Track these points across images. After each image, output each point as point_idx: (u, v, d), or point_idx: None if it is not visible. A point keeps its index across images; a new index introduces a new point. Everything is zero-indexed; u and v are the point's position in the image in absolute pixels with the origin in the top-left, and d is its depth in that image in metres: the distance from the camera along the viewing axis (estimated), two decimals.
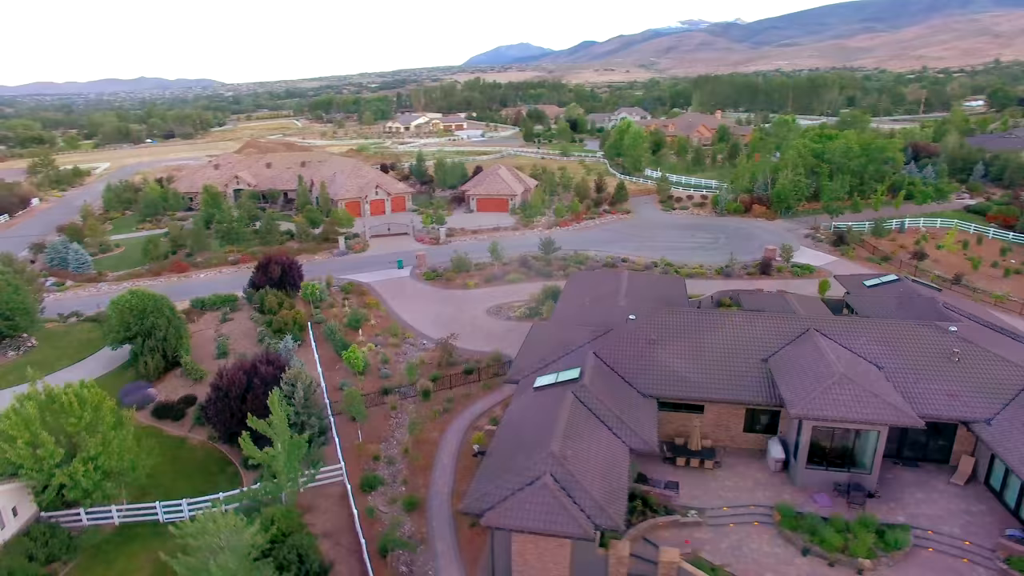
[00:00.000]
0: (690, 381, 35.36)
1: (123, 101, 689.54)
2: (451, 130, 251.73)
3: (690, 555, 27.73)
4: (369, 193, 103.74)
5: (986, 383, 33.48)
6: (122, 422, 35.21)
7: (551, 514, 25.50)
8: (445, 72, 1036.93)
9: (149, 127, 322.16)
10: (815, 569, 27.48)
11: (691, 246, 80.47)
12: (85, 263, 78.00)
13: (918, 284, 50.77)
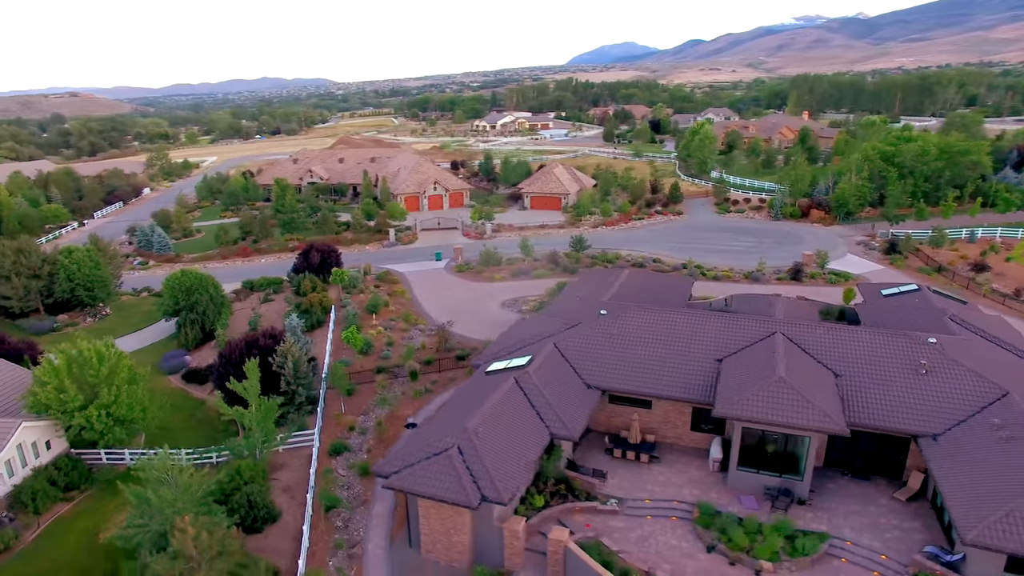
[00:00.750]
0: (635, 376, 35.94)
1: (245, 100, 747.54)
2: (536, 129, 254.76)
3: (590, 539, 28.73)
4: (427, 189, 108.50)
5: (947, 398, 31.80)
6: (135, 379, 40.63)
7: (445, 482, 27.53)
8: (547, 72, 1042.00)
9: (260, 124, 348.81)
10: (715, 566, 27.70)
11: (731, 249, 78.56)
12: (166, 245, 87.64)
13: (940, 295, 47.72)
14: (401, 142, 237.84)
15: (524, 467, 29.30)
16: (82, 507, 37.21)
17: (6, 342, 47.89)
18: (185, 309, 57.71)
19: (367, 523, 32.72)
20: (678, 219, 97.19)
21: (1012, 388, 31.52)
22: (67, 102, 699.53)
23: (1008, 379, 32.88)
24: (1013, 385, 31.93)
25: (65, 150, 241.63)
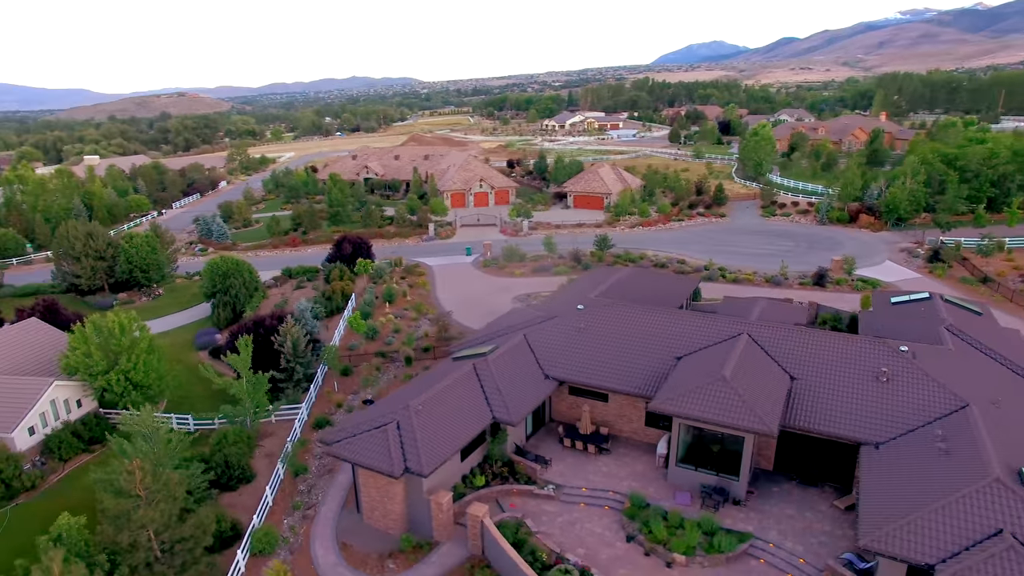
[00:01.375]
0: (592, 370, 36.73)
1: (334, 98, 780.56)
2: (605, 129, 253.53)
3: (513, 518, 30.04)
4: (473, 186, 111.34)
5: (901, 408, 30.80)
6: (153, 350, 45.28)
7: (377, 453, 29.67)
8: (631, 71, 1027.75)
9: (341, 122, 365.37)
10: (630, 555, 28.37)
11: (764, 252, 76.52)
12: (224, 234, 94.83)
13: (953, 304, 45.30)
14: (469, 140, 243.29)
15: (456, 445, 30.93)
16: (101, 458, 41.94)
17: (60, 312, 54.17)
18: (220, 291, 62.88)
19: (327, 490, 35.37)
20: (719, 221, 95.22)
21: (980, 401, 30.17)
22: (175, 101, 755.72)
23: (980, 392, 31.42)
24: (982, 398, 30.54)
25: (164, 145, 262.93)
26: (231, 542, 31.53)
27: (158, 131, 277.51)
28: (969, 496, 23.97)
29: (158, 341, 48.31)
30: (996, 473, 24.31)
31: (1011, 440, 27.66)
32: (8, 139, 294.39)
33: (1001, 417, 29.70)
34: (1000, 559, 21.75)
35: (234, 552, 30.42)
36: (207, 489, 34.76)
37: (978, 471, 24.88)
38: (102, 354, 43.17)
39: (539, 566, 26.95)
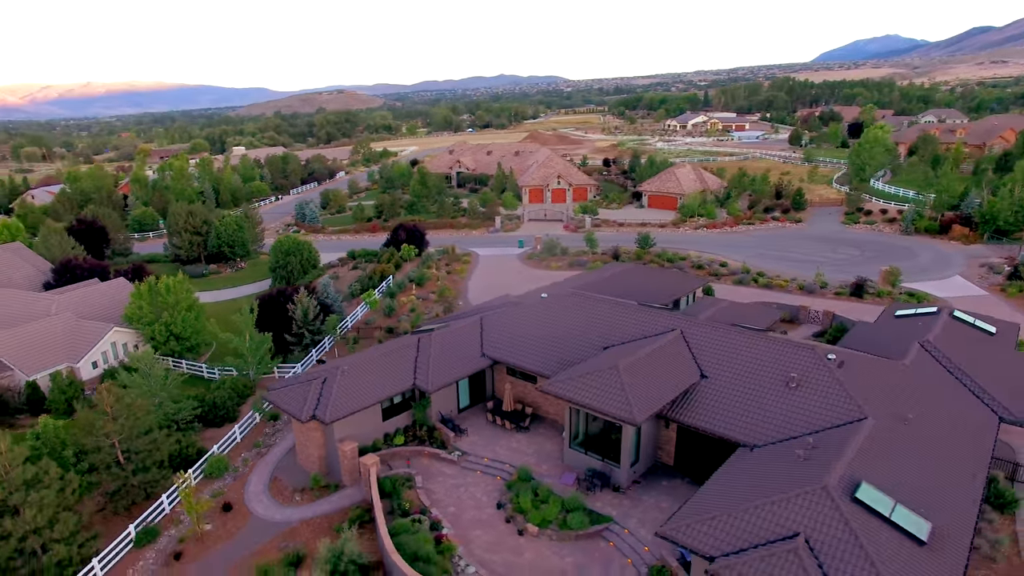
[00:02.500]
0: (522, 352, 38.65)
1: (481, 95, 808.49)
2: (729, 130, 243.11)
3: (403, 473, 33.23)
4: (551, 182, 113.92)
5: (795, 414, 29.87)
6: (192, 307, 53.51)
7: (295, 401, 34.19)
8: (787, 69, 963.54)
9: (476, 119, 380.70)
10: (492, 519, 30.42)
11: (820, 260, 72.04)
12: (315, 218, 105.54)
13: (962, 322, 41.41)
14: (585, 138, 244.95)
15: (367, 402, 34.61)
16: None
17: (145, 274, 64.87)
18: (280, 267, 71.43)
19: (287, 436, 40.62)
20: (792, 227, 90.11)
21: (888, 417, 28.60)
22: (334, 98, 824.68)
23: (900, 409, 29.65)
24: (892, 414, 28.90)
25: (310, 138, 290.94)
26: (193, 463, 37.64)
27: (305, 125, 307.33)
28: (788, 500, 23.52)
29: (229, 306, 56.63)
30: (826, 482, 23.58)
31: (887, 455, 26.24)
32: (193, 132, 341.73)
33: (902, 435, 27.98)
34: (778, 559, 21.51)
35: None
36: (192, 422, 41.51)
37: (815, 479, 24.22)
38: (151, 308, 51.98)
39: (399, 512, 30.01)
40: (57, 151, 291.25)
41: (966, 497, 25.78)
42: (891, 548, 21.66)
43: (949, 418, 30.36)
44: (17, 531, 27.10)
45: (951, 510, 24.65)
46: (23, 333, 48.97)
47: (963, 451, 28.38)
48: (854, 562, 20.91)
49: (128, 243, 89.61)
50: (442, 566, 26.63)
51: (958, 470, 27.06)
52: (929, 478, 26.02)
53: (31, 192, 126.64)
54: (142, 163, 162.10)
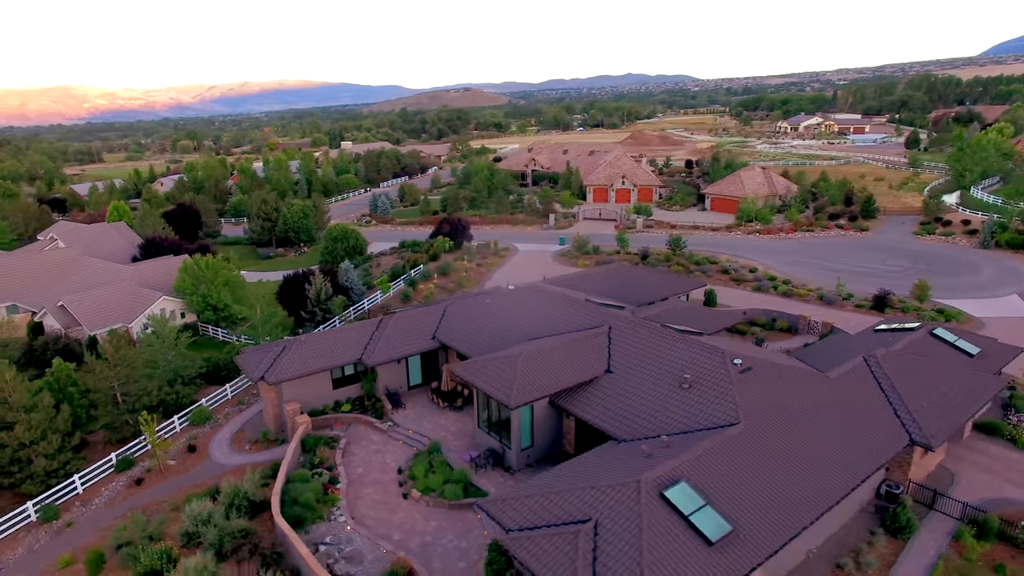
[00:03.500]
0: (463, 338, 41.22)
1: (606, 95, 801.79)
2: (845, 133, 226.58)
3: (332, 435, 37.14)
4: (615, 182, 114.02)
5: (673, 413, 30.29)
6: (229, 283, 60.99)
7: (254, 364, 39.20)
8: (946, 65, 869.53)
9: (588, 118, 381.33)
10: (387, 481, 33.41)
11: (867, 271, 67.81)
12: (386, 210, 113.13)
13: (941, 340, 38.81)
14: (688, 139, 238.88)
15: (311, 369, 38.89)
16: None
17: (209, 250, 74.07)
18: (329, 252, 78.49)
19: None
20: (855, 235, 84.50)
21: (766, 424, 28.46)
22: (460, 95, 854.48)
23: (785, 418, 29.31)
24: (771, 422, 28.68)
25: (423, 134, 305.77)
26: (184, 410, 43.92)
27: (418, 122, 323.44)
28: (601, 490, 24.55)
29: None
30: (640, 478, 24.35)
31: (740, 460, 26.33)
32: (324, 127, 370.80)
33: (767, 443, 27.69)
34: (560, 539, 22.90)
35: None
36: (196, 378, 48.13)
37: (635, 474, 25.01)
38: (193, 281, 60.01)
39: (310, 465, 34.00)
40: (205, 144, 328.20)
41: (812, 509, 25.28)
42: (673, 544, 22.24)
43: (843, 433, 29.34)
44: (12, 443, 34.06)
45: (783, 518, 24.46)
46: (93, 295, 58.64)
47: (838, 466, 27.49)
48: (627, 550, 21.85)
49: (217, 226, 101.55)
50: (319, 512, 30.21)
51: (819, 483, 26.43)
52: (779, 486, 25.74)
53: (161, 180, 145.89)
54: (267, 155, 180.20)
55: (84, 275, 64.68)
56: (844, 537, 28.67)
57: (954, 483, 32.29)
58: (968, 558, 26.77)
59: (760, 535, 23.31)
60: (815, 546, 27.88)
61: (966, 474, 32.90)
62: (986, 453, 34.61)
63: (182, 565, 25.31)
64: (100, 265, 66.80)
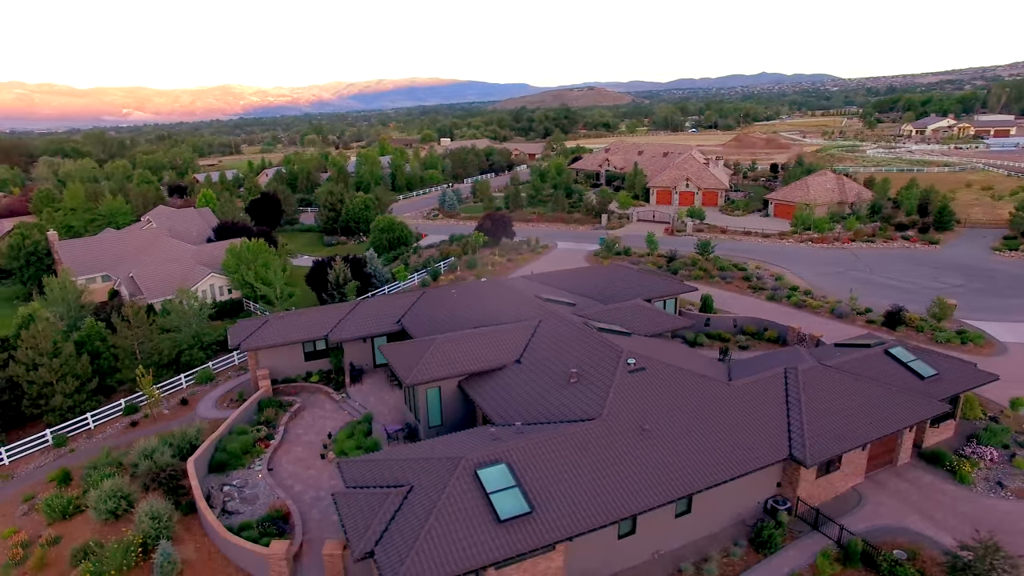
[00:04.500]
0: (418, 324, 44.25)
1: (735, 94, 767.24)
2: (982, 137, 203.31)
3: (287, 399, 41.75)
4: (679, 185, 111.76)
5: (551, 404, 31.61)
6: (268, 264, 68.14)
7: (239, 334, 44.80)
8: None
9: (703, 118, 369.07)
10: (317, 445, 37.34)
11: (911, 287, 62.96)
12: (452, 205, 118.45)
13: (895, 359, 36.72)
14: (796, 143, 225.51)
15: (281, 340, 43.79)
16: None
17: (271, 235, 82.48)
18: (376, 241, 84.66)
19: None
20: (921, 248, 77.86)
21: (630, 423, 29.18)
22: (584, 94, 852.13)
23: (650, 417, 29.70)
24: (637, 422, 29.34)
25: (530, 132, 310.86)
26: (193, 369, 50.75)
27: (526, 120, 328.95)
28: (433, 462, 26.72)
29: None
30: (463, 457, 26.14)
31: (570, 452, 27.32)
32: (438, 123, 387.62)
33: (620, 440, 28.35)
34: (377, 498, 25.50)
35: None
36: (213, 344, 54.96)
37: (464, 453, 26.76)
38: (236, 261, 67.77)
39: (256, 422, 38.76)
40: (330, 138, 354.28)
41: (630, 507, 25.64)
42: (463, 515, 23.81)
43: (718, 439, 29.18)
44: (38, 380, 41.80)
45: (593, 511, 25.06)
46: (156, 269, 68.17)
47: (694, 470, 27.54)
48: (420, 515, 23.98)
49: (295, 214, 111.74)
50: (242, 461, 34.76)
51: (663, 483, 26.76)
52: (610, 481, 26.45)
53: (265, 172, 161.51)
54: (371, 150, 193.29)
55: (160, 252, 74.94)
56: (707, 545, 28.73)
57: (858, 506, 30.95)
58: None
59: (558, 522, 24.36)
60: (668, 549, 28.25)
61: (876, 499, 31.33)
62: (916, 482, 32.57)
63: (106, 484, 30.64)
64: (173, 244, 76.97)
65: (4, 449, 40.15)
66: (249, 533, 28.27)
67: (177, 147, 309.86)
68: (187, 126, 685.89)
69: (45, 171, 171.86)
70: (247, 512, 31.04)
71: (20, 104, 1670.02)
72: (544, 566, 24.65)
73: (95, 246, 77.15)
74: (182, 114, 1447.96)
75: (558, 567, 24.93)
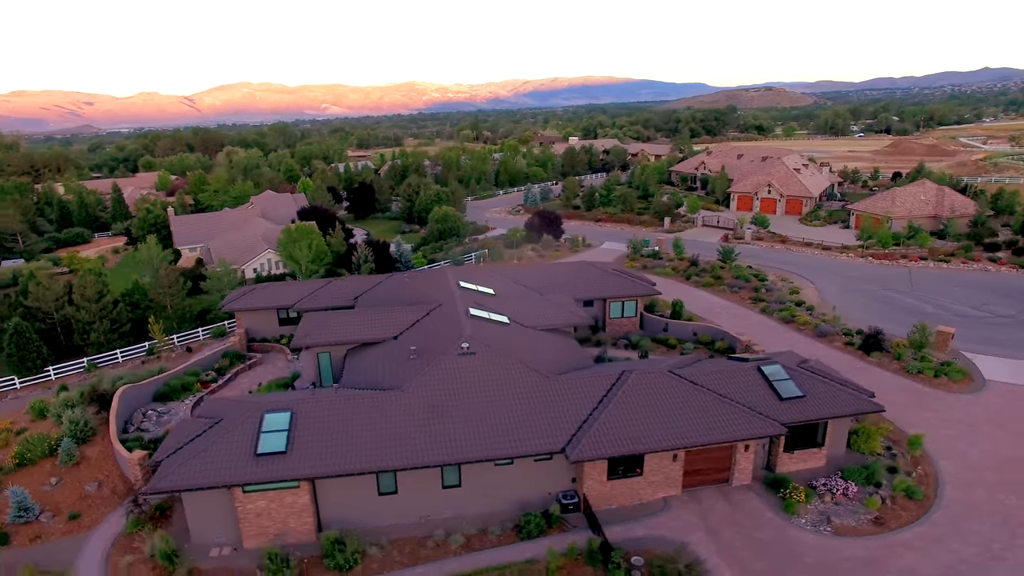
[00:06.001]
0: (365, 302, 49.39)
1: (938, 95, 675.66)
2: None
3: (251, 356, 49.22)
4: (761, 191, 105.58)
5: (383, 374, 35.50)
6: (312, 245, 77.50)
7: (229, 299, 53.33)
8: None
9: (877, 122, 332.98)
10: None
11: (942, 313, 56.19)
12: (534, 202, 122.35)
13: (762, 376, 35.29)
14: (964, 149, 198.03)
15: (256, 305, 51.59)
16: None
17: (336, 218, 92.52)
18: (432, 231, 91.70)
19: None
20: (1004, 272, 67.70)
21: (422, 396, 31.98)
22: (760, 95, 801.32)
23: (455, 395, 32.28)
24: (435, 396, 32.12)
25: (676, 134, 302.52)
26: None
27: (673, 121, 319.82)
28: (244, 405, 32.13)
29: None
30: (265, 407, 31.13)
31: (358, 412, 31.01)
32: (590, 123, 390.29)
33: (409, 409, 31.34)
34: (195, 423, 31.37)
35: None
36: None
37: (269, 405, 31.62)
38: (287, 239, 77.90)
39: (211, 369, 46.66)
40: (485, 134, 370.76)
41: (380, 463, 28.79)
42: (232, 446, 28.61)
43: (509, 424, 30.93)
44: (83, 318, 53.53)
45: (348, 463, 28.60)
46: (226, 243, 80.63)
47: (461, 447, 29.79)
48: (205, 442, 29.31)
49: (388, 203, 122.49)
50: (181, 395, 42.69)
51: (421, 452, 29.47)
52: (382, 441, 29.74)
53: (389, 163, 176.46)
54: (515, 145, 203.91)
55: (244, 229, 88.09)
56: (479, 521, 30.26)
57: (653, 516, 30.60)
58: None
59: (304, 464, 28.31)
60: (439, 517, 30.63)
61: (677, 512, 30.80)
62: (737, 504, 31.34)
63: (62, 396, 39.92)
64: (257, 223, 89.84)
65: (52, 368, 52.14)
66: (131, 444, 35.58)
67: (345, 139, 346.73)
68: (371, 120, 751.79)
69: (222, 159, 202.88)
70: (155, 432, 38.56)
71: (245, 101, 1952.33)
72: (291, 500, 28.72)
73: (199, 221, 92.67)
74: (371, 108, 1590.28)
75: (304, 503, 28.82)
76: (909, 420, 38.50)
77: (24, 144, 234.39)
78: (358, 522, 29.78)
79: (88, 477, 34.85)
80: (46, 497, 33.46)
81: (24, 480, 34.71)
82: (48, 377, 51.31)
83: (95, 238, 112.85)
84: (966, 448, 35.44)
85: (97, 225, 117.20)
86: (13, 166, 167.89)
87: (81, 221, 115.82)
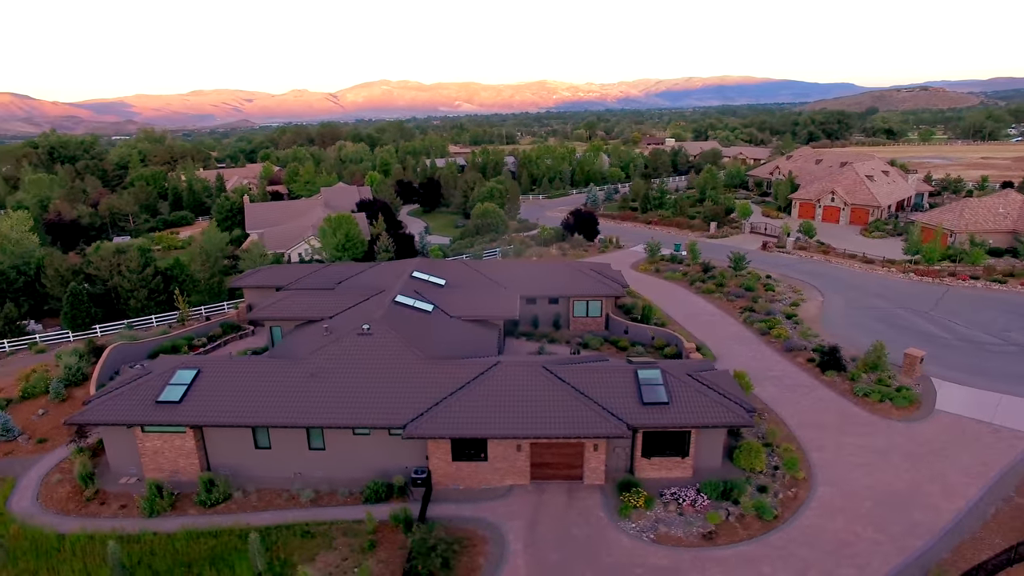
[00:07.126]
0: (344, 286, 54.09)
1: None
2: None
3: (244, 325, 55.71)
4: (824, 198, 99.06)
5: (299, 346, 39.45)
6: (348, 235, 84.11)
7: (240, 279, 60.51)
8: None
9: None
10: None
11: (947, 337, 51.73)
12: (595, 203, 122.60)
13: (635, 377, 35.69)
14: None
15: (259, 284, 57.96)
16: None
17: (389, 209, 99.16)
18: (473, 225, 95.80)
19: None
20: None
21: (312, 364, 35.93)
22: (913, 96, 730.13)
23: (342, 368, 35.76)
24: (324, 366, 35.83)
25: (794, 137, 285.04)
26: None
27: (790, 124, 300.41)
28: (180, 363, 37.53)
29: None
30: (176, 368, 36.37)
31: (257, 373, 35.46)
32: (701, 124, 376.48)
33: (297, 376, 35.26)
34: (135, 373, 37.14)
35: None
36: None
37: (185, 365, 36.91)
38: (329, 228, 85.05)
39: (206, 336, 53.51)
40: (599, 134, 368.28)
41: (250, 419, 32.94)
42: (137, 396, 34.05)
43: (381, 401, 33.92)
44: (124, 286, 63.00)
45: (235, 418, 33.14)
46: (280, 230, 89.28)
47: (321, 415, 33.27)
48: (130, 388, 35.00)
49: (450, 197, 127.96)
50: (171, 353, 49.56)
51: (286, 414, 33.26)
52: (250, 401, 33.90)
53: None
54: (595, 147, 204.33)
55: (303, 217, 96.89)
56: (342, 484, 33.61)
57: (484, 501, 31.82)
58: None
59: (188, 413, 33.07)
60: (310, 476, 34.24)
61: (509, 500, 31.94)
62: (575, 502, 31.62)
63: (69, 347, 48.07)
64: (317, 212, 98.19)
65: (99, 326, 61.88)
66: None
67: (461, 135, 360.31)
68: (498, 117, 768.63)
69: (334, 152, 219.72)
70: None
71: (384, 98, 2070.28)
72: (180, 443, 33.57)
73: (270, 209, 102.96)
74: (502, 106, 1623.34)
75: (191, 447, 33.54)
76: (822, 443, 36.72)
77: (170, 137, 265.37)
78: (241, 470, 34.11)
79: (69, 412, 42.14)
80: (31, 424, 41.06)
81: (23, 410, 42.76)
82: (95, 334, 60.93)
83: (197, 221, 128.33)
84: (860, 477, 33.40)
85: (202, 209, 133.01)
86: (158, 157, 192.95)
87: (189, 205, 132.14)
